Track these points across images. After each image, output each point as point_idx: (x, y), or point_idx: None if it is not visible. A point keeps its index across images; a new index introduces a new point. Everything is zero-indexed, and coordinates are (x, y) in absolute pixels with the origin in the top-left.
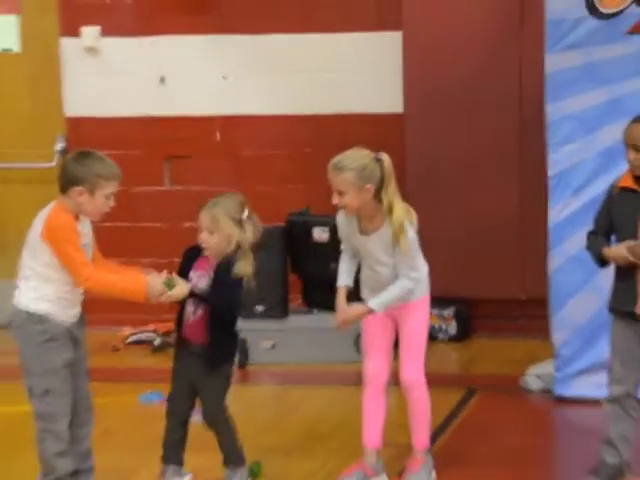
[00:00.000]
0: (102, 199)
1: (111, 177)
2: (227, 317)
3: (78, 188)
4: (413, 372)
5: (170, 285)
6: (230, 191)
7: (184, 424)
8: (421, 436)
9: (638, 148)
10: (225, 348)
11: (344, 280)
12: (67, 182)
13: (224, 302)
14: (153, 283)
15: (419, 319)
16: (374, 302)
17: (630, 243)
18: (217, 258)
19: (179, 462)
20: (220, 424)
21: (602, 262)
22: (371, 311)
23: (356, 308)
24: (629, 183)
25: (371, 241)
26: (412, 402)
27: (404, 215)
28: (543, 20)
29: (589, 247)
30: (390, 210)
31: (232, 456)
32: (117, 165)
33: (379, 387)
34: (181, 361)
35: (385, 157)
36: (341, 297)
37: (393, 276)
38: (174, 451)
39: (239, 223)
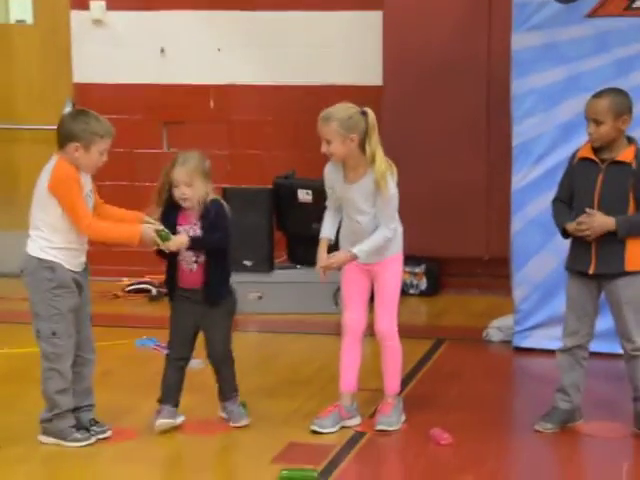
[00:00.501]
0: (96, 155)
1: (105, 134)
2: (226, 255)
3: (74, 144)
4: (387, 323)
5: (163, 237)
6: (197, 152)
7: (182, 369)
8: (392, 382)
9: (597, 121)
10: (226, 284)
11: (326, 232)
12: (64, 138)
13: (225, 242)
14: (146, 232)
15: (393, 275)
16: (357, 248)
17: (580, 219)
18: (196, 209)
19: (175, 404)
20: (227, 358)
21: (565, 234)
22: (354, 257)
23: (340, 254)
24: (588, 154)
25: (354, 189)
26: (385, 350)
27: (386, 165)
28: (510, 2)
29: (554, 216)
30: (373, 159)
31: (231, 388)
32: (111, 123)
33: (356, 336)
34: (181, 309)
35: (369, 111)
36: (322, 247)
37: (371, 228)
38: (171, 393)
39: (206, 175)
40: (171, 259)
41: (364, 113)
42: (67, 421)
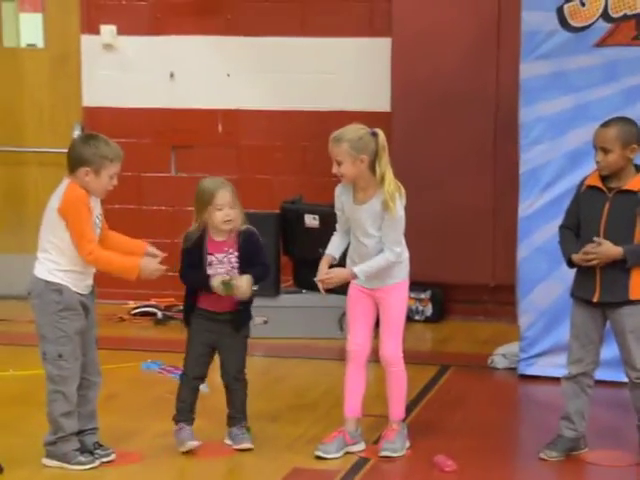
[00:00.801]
0: (107, 179)
1: (115, 158)
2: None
3: (85, 168)
4: (393, 349)
5: (228, 286)
6: (227, 178)
7: (197, 388)
8: (397, 408)
9: (605, 150)
10: (249, 310)
11: (330, 250)
12: (75, 163)
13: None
14: (145, 266)
15: (398, 301)
16: (358, 268)
17: (587, 249)
18: (234, 233)
19: (191, 422)
20: (242, 381)
21: (571, 264)
22: (353, 276)
23: (339, 270)
24: (596, 182)
25: (362, 211)
26: (390, 376)
27: (395, 186)
28: (519, 31)
29: (561, 244)
30: (382, 180)
31: (242, 414)
32: (120, 147)
33: (361, 362)
34: (202, 329)
35: (380, 132)
36: (324, 262)
37: (377, 250)
38: (188, 412)
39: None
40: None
41: (374, 134)
42: (71, 444)
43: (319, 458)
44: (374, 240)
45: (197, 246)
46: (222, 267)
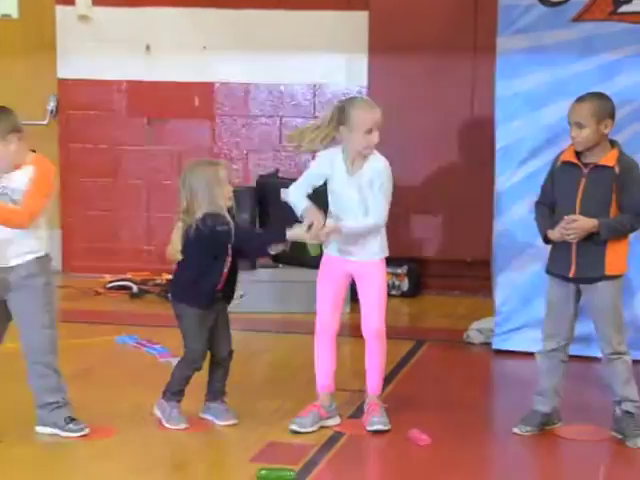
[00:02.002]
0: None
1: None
2: None
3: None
4: (379, 323)
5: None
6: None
7: None
8: (378, 382)
9: (580, 125)
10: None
11: (307, 203)
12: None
13: None
14: None
15: (381, 277)
16: (345, 223)
17: (562, 226)
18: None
19: (181, 401)
20: (231, 356)
21: (546, 240)
22: (339, 231)
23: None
24: (571, 157)
25: (356, 179)
26: (374, 350)
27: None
28: (496, 5)
29: (537, 220)
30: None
31: (224, 387)
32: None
33: (331, 336)
34: (211, 312)
35: None
36: (315, 214)
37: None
38: (182, 393)
39: None
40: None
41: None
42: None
43: (294, 432)
44: (355, 215)
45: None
46: None
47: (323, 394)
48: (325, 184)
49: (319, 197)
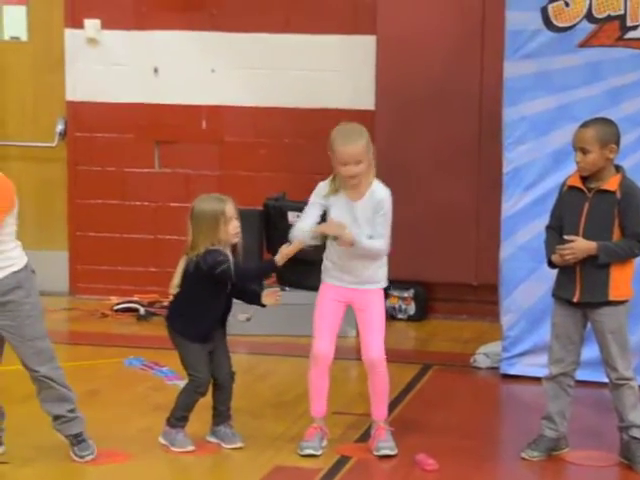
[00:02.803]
0: None
1: None
2: None
3: None
4: (379, 351)
5: None
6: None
7: None
8: (382, 407)
9: (585, 150)
10: None
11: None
12: None
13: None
14: None
15: (381, 304)
16: (359, 239)
17: (559, 249)
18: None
19: (185, 426)
20: (233, 377)
21: (551, 265)
22: (352, 244)
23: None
24: (576, 182)
25: (358, 208)
26: (376, 377)
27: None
28: (503, 31)
29: (545, 243)
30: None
31: (229, 410)
32: None
33: (326, 366)
34: (209, 338)
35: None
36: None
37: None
38: (186, 419)
39: None
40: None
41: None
42: None
43: (309, 456)
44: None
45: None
46: None
47: (319, 418)
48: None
49: None
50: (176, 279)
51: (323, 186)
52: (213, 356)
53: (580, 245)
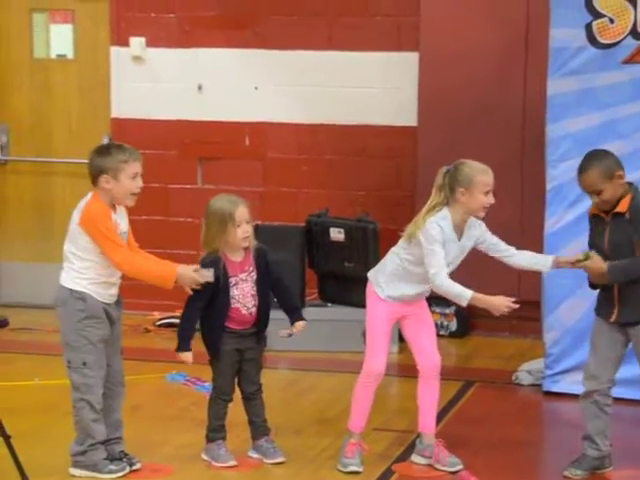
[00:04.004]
0: (127, 181)
1: (129, 158)
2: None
3: (104, 176)
4: (439, 357)
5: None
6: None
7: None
8: (433, 419)
9: (597, 192)
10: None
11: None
12: (94, 173)
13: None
14: (182, 272)
15: (430, 315)
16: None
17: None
18: (249, 250)
19: (225, 437)
20: (261, 387)
21: (592, 286)
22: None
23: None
24: (595, 210)
25: (462, 243)
26: (433, 385)
27: None
28: (547, 48)
29: None
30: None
31: (266, 423)
32: (135, 149)
33: (378, 381)
34: (232, 350)
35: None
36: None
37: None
38: (223, 429)
39: None
40: (222, 306)
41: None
42: (100, 453)
43: (353, 473)
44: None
45: (216, 268)
46: (247, 285)
47: (358, 434)
48: None
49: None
50: None
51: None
52: (243, 368)
53: (592, 265)
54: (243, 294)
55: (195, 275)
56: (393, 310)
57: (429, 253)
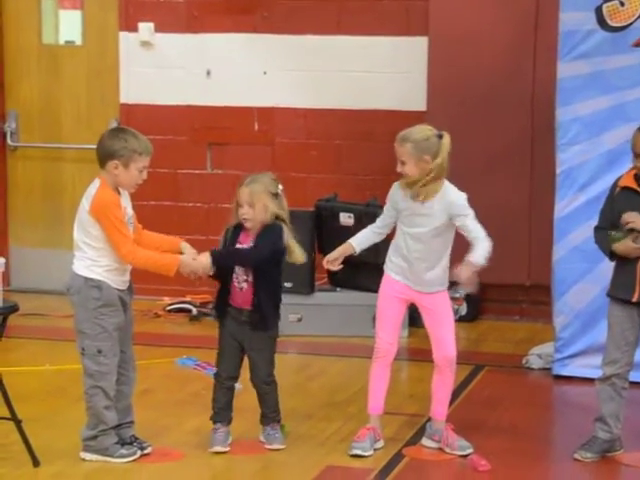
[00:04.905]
0: (136, 172)
1: (144, 152)
2: (274, 278)
3: (114, 162)
4: (453, 351)
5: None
6: (268, 174)
7: (231, 388)
8: (445, 407)
9: None
10: (275, 309)
11: (354, 241)
12: (104, 156)
13: (258, 256)
14: (184, 263)
15: (449, 304)
16: (475, 258)
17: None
18: (256, 229)
19: (229, 422)
20: (271, 384)
21: (612, 256)
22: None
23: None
24: (630, 183)
25: (423, 208)
26: (447, 376)
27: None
28: (557, 31)
29: (598, 242)
30: (437, 179)
31: (275, 415)
32: (149, 141)
33: (388, 360)
34: (230, 328)
35: (446, 135)
36: (340, 248)
37: (432, 246)
38: (224, 412)
39: (275, 196)
40: (225, 276)
41: (440, 136)
42: (111, 438)
43: (357, 456)
44: (428, 236)
45: (234, 233)
46: None
47: (375, 416)
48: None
49: None
50: None
51: (394, 188)
52: (250, 360)
53: (627, 244)
54: (239, 267)
55: (194, 264)
56: (398, 289)
57: None
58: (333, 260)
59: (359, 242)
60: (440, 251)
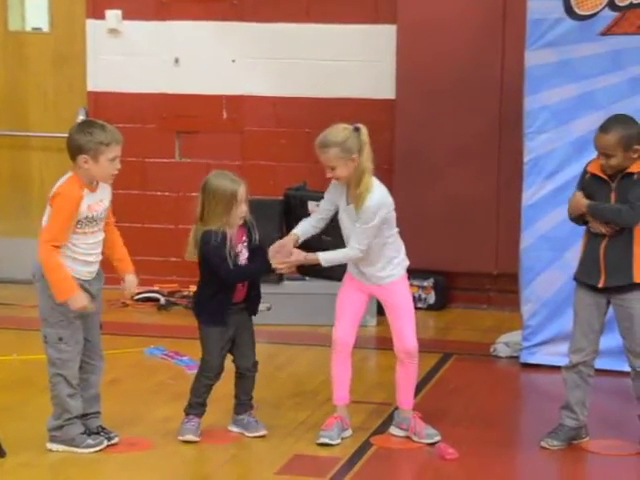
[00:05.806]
0: (106, 163)
1: (111, 142)
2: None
3: (83, 156)
4: (413, 342)
5: None
6: (231, 165)
7: (214, 384)
8: (410, 396)
9: (607, 155)
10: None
11: (298, 230)
12: (73, 152)
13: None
14: (76, 298)
15: (405, 295)
16: (322, 255)
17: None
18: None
19: (202, 414)
20: (256, 368)
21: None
22: (314, 260)
23: (301, 254)
24: (597, 171)
25: (349, 209)
26: (409, 367)
27: (372, 183)
28: (524, 19)
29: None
30: (362, 175)
31: (250, 401)
32: (117, 131)
33: (347, 351)
34: (229, 325)
35: (362, 127)
36: (286, 240)
37: (376, 249)
38: (201, 407)
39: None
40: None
41: (357, 129)
42: (77, 427)
43: (324, 445)
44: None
45: (225, 244)
46: (243, 256)
47: (341, 406)
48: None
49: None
50: (190, 246)
51: (331, 187)
52: (236, 344)
53: (576, 198)
54: (242, 264)
55: (87, 304)
56: (353, 284)
57: None
58: (281, 264)
59: (302, 231)
60: (378, 248)
